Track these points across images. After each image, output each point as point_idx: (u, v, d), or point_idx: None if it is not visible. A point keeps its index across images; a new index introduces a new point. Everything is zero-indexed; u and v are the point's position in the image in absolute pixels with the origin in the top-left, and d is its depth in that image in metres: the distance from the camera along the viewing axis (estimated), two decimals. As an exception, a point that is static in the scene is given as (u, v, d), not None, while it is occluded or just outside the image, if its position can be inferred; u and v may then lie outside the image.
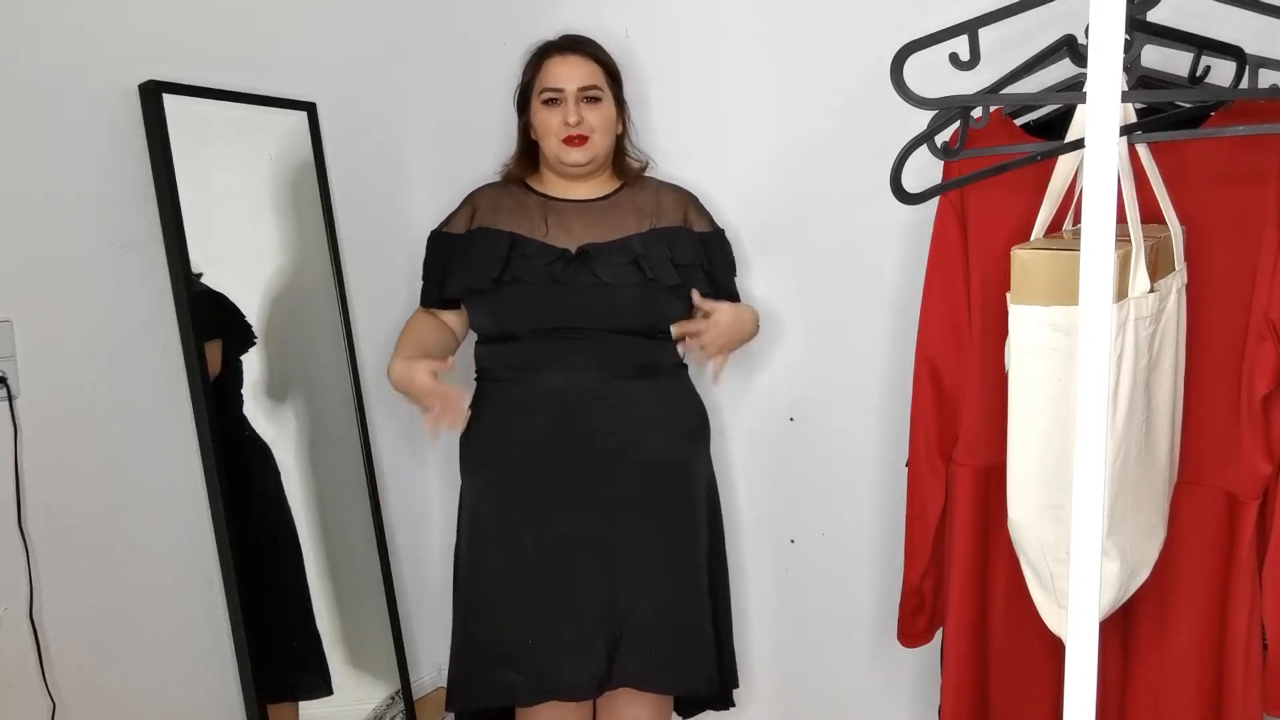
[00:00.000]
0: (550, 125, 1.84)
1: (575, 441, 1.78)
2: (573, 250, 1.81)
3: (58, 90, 1.72)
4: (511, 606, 1.80)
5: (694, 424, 1.91)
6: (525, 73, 1.90)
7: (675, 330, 1.81)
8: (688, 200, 1.94)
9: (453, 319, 1.94)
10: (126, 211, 1.83)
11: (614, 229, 1.84)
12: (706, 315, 1.79)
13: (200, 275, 1.90)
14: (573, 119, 1.82)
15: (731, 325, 1.81)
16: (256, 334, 2.02)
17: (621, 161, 1.95)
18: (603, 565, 1.78)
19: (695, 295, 1.81)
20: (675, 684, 1.84)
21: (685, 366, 1.93)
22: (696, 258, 1.86)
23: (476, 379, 1.91)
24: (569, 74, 1.84)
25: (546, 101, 1.85)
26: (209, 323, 1.91)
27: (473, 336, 1.95)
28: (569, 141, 1.83)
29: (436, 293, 1.91)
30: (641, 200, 1.90)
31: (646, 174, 1.98)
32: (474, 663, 1.84)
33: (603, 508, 1.78)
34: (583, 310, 1.79)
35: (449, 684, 1.89)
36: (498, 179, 1.96)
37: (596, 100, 1.86)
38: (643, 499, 1.80)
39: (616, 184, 1.93)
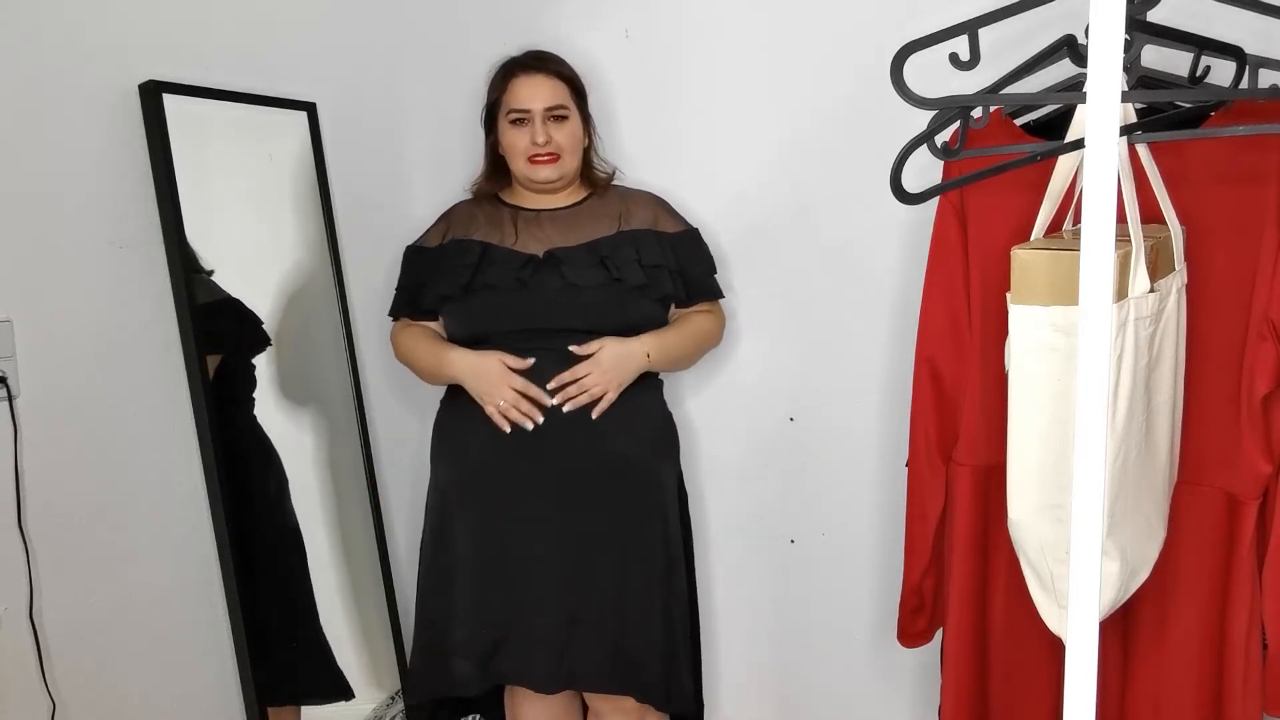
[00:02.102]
0: (518, 146, 1.86)
1: (540, 441, 1.79)
2: (540, 255, 1.83)
3: (58, 90, 1.72)
4: (467, 598, 1.82)
5: (661, 433, 1.92)
6: (491, 92, 1.92)
7: (552, 384, 1.78)
8: (657, 204, 1.96)
9: (434, 330, 1.97)
10: (126, 211, 1.82)
11: (582, 234, 1.87)
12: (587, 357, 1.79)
13: (211, 273, 1.90)
14: (540, 139, 1.84)
15: (615, 363, 1.79)
16: (271, 338, 2.02)
17: (589, 174, 1.97)
18: (557, 565, 1.79)
19: (573, 347, 1.79)
20: (621, 688, 1.82)
21: (658, 378, 1.93)
22: (664, 260, 1.87)
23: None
24: (534, 94, 1.86)
25: (514, 121, 1.86)
26: (221, 331, 1.92)
27: None
28: (536, 161, 1.85)
29: (407, 303, 1.94)
30: (609, 206, 1.92)
31: (618, 182, 2.00)
32: (429, 652, 1.87)
33: (562, 508, 1.79)
34: (550, 312, 1.81)
35: (409, 675, 1.92)
36: (469, 196, 1.99)
37: (563, 119, 1.87)
38: (603, 501, 1.80)
39: (585, 193, 1.95)
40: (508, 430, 1.78)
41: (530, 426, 1.77)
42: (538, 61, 1.90)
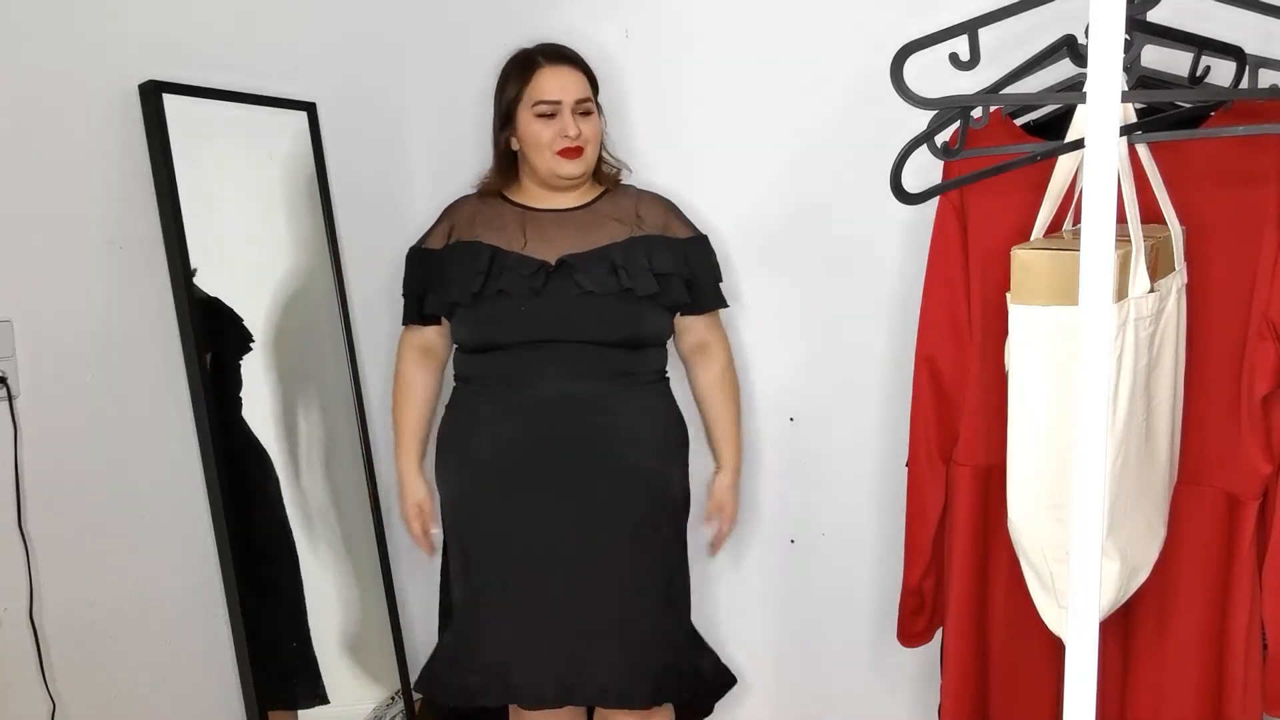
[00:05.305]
0: (543, 138, 1.81)
1: (552, 451, 1.78)
2: (552, 262, 1.80)
3: (58, 90, 1.72)
4: (481, 610, 1.81)
5: (672, 435, 1.90)
6: (511, 84, 1.85)
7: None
8: (667, 208, 1.92)
9: (436, 336, 1.95)
10: (126, 211, 1.82)
11: (593, 238, 1.83)
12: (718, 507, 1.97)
13: (194, 271, 1.89)
14: (573, 131, 1.79)
15: (736, 500, 1.98)
16: (254, 336, 2.01)
17: (599, 169, 1.92)
18: (573, 575, 1.78)
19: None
20: (639, 698, 1.81)
21: (666, 378, 1.92)
22: (676, 267, 1.84)
23: (456, 383, 1.91)
24: (565, 86, 1.82)
25: (541, 114, 1.81)
26: (203, 330, 1.90)
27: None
28: (564, 154, 1.81)
29: (417, 309, 1.92)
30: (621, 208, 1.88)
31: (625, 181, 1.97)
32: (453, 663, 1.86)
33: (577, 518, 1.78)
34: (564, 321, 1.78)
35: (420, 675, 1.93)
36: (474, 191, 1.95)
37: (589, 113, 1.84)
38: (618, 510, 1.79)
39: (596, 192, 1.91)
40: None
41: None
42: (561, 54, 1.85)
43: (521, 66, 1.85)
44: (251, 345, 2.01)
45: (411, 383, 1.95)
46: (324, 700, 2.10)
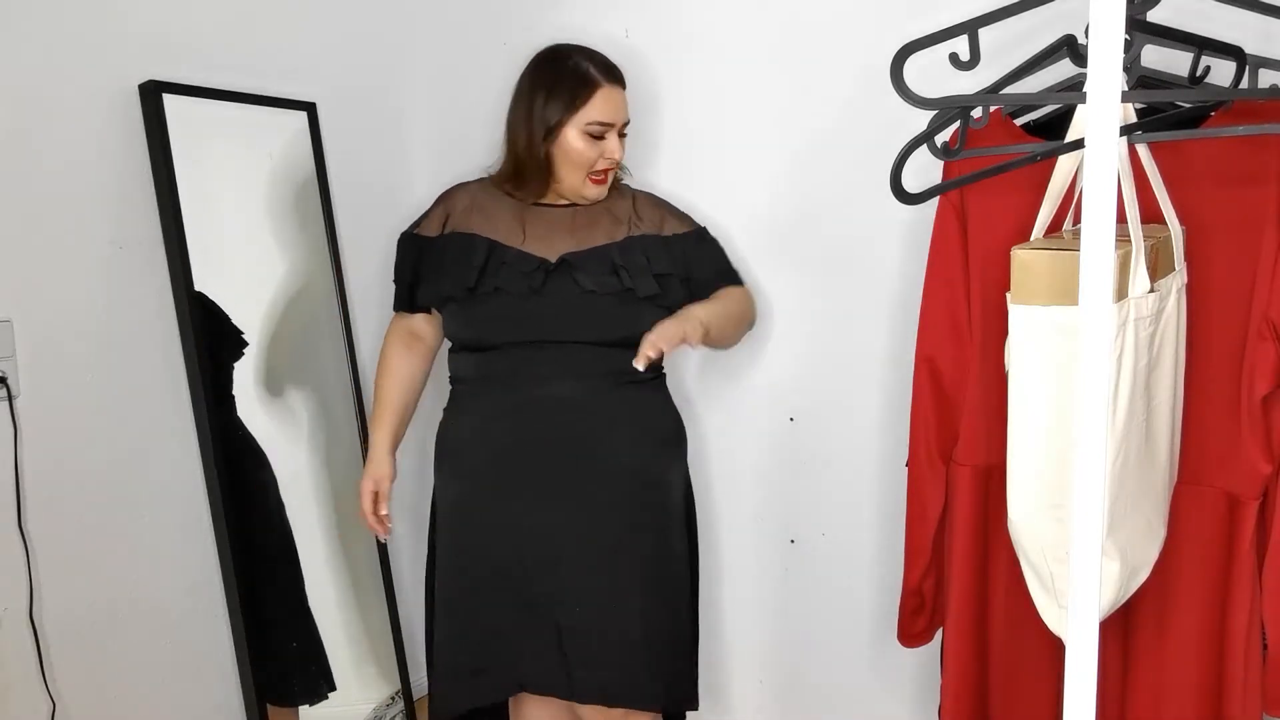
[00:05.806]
0: (587, 157, 1.77)
1: (551, 450, 1.77)
2: (552, 260, 1.78)
3: (58, 90, 1.73)
4: (479, 609, 1.80)
5: (670, 435, 1.89)
6: (563, 98, 1.77)
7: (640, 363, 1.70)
8: (663, 206, 1.91)
9: (425, 323, 1.91)
10: (126, 211, 1.83)
11: (591, 237, 1.81)
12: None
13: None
14: (618, 156, 1.79)
15: (673, 322, 1.72)
16: (248, 338, 2.01)
17: None
18: (573, 574, 1.77)
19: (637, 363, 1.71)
20: (635, 699, 1.80)
21: (663, 377, 1.92)
22: (673, 266, 1.83)
23: (451, 384, 1.91)
24: (618, 108, 1.79)
25: (591, 134, 1.77)
26: (202, 330, 1.90)
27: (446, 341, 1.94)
28: (594, 177, 1.79)
29: (408, 297, 1.88)
30: (618, 207, 1.87)
31: (623, 180, 1.95)
32: (451, 668, 1.84)
33: (576, 517, 1.77)
34: (562, 322, 1.77)
35: (429, 694, 1.89)
36: (484, 175, 1.90)
37: (624, 135, 1.83)
38: (615, 510, 1.78)
39: None
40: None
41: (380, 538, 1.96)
42: (613, 71, 1.81)
43: (579, 82, 1.78)
44: (245, 347, 2.01)
45: (396, 363, 1.92)
46: (331, 688, 2.11)
